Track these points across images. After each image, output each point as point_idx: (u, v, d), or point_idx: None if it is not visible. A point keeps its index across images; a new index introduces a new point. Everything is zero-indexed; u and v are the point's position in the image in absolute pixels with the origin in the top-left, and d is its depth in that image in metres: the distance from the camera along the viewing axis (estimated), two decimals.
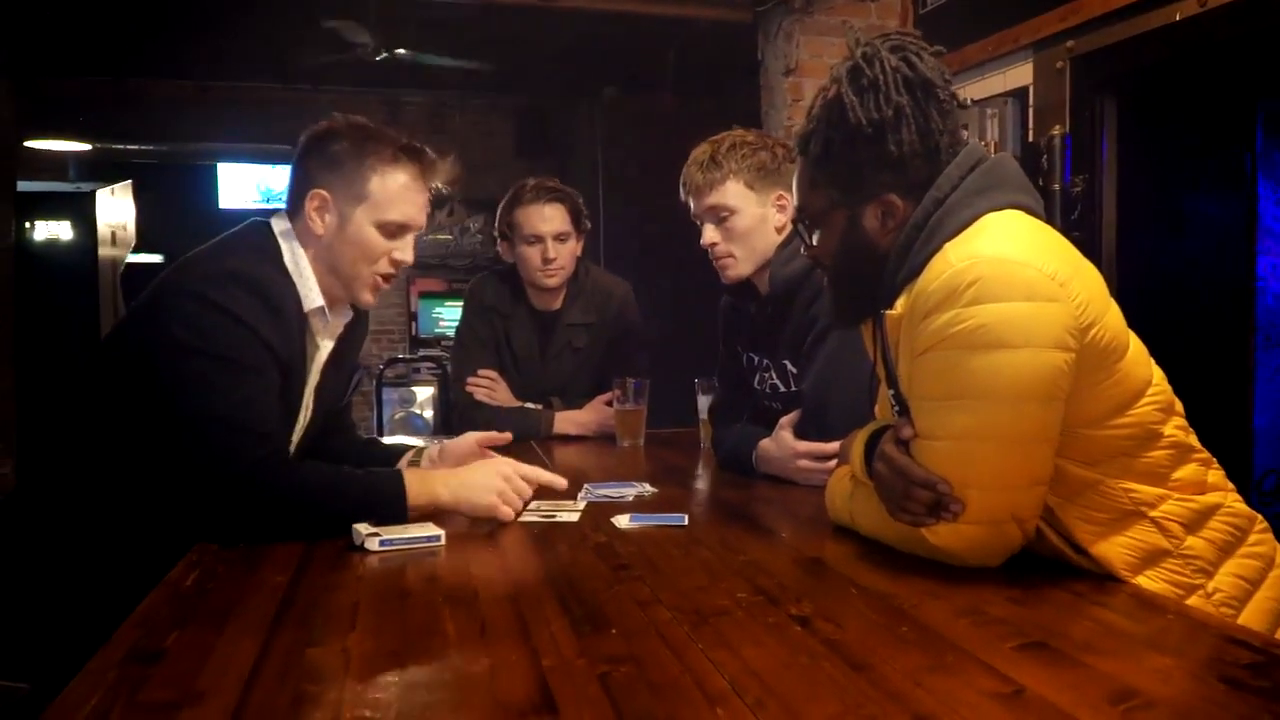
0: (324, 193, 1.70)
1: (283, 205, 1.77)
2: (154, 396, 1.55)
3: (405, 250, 1.75)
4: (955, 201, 1.33)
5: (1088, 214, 2.90)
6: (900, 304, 1.33)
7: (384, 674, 0.96)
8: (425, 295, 7.56)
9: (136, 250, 5.54)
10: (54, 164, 6.71)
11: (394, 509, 1.54)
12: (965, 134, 1.46)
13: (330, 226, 1.71)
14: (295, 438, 1.78)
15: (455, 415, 2.64)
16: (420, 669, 0.98)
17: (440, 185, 1.80)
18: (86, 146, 6.70)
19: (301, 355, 1.71)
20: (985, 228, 1.30)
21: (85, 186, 5.02)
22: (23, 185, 4.04)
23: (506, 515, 1.58)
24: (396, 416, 6.87)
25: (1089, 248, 2.90)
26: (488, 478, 1.61)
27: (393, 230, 1.73)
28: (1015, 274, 1.22)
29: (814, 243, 1.47)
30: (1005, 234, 1.28)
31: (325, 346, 1.79)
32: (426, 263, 7.77)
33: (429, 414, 6.98)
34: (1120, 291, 2.73)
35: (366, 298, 1.76)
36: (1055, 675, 0.93)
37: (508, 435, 1.95)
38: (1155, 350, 1.36)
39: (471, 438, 1.95)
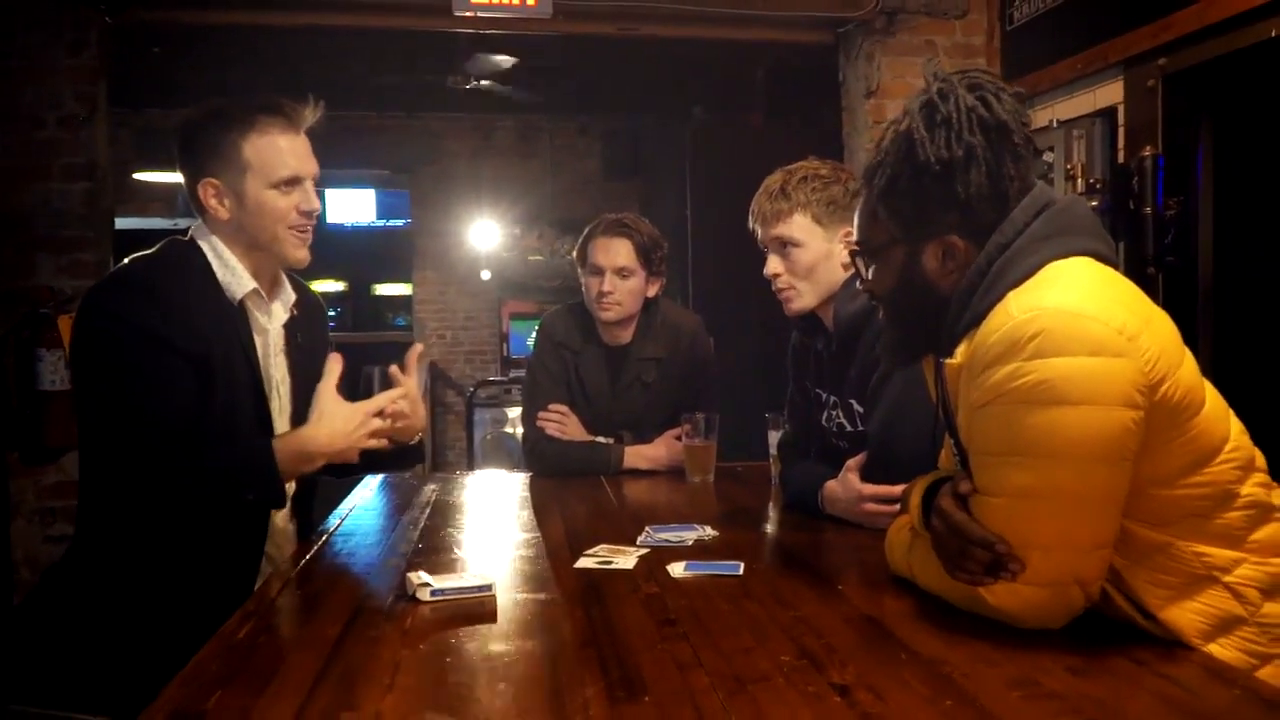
0: (213, 180, 1.79)
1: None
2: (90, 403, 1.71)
3: (308, 199, 1.82)
4: (1020, 247, 1.29)
5: (1182, 239, 2.78)
6: (960, 352, 1.29)
7: None
8: (516, 317, 7.65)
9: None
10: (163, 195, 7.01)
11: (265, 478, 1.67)
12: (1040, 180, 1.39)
13: (231, 208, 1.79)
14: (282, 418, 1.86)
15: (525, 449, 2.66)
16: None
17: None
18: None
19: (239, 341, 1.78)
20: (1050, 277, 1.25)
21: (182, 223, 5.24)
22: (121, 223, 4.23)
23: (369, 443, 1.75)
24: (488, 437, 6.95)
25: (1184, 275, 2.77)
26: (345, 421, 1.72)
27: (286, 186, 1.79)
28: (1080, 328, 1.17)
29: (869, 276, 1.44)
30: (1071, 284, 1.23)
31: (274, 329, 1.88)
32: (518, 284, 7.87)
33: (521, 434, 7.01)
34: (1217, 323, 2.63)
35: (297, 254, 1.84)
36: None
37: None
38: (1254, 389, 1.29)
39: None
